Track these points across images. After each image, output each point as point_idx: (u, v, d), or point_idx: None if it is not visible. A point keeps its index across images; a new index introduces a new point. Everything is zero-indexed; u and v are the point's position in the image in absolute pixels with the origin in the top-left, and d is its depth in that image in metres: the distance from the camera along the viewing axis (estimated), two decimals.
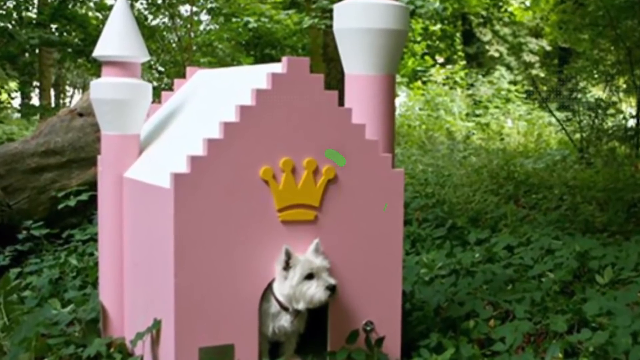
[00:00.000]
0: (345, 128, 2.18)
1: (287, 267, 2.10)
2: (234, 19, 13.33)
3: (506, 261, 3.55)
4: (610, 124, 8.39)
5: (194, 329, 2.05)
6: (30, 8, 13.77)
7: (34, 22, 12.94)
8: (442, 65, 17.54)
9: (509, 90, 15.38)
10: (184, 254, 2.03)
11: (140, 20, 12.83)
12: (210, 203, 2.04)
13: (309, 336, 2.27)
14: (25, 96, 17.84)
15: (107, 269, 2.58)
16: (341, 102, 2.24)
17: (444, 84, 15.53)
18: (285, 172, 2.12)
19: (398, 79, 14.30)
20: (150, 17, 14.22)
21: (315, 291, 2.08)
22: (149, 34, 13.07)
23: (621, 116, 8.55)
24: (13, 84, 17.19)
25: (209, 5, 13.92)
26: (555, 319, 2.59)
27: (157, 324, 2.16)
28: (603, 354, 2.34)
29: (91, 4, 14.16)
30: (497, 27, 17.56)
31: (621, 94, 9.09)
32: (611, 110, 8.57)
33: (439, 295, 2.95)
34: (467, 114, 14.34)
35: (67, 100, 19.17)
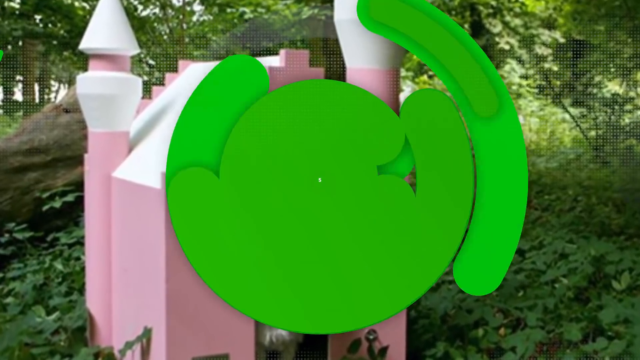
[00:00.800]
0: None
1: None
2: (228, 10, 13.33)
3: (517, 266, 3.55)
4: (627, 120, 8.38)
5: (187, 337, 2.05)
6: None
7: (17, 12, 12.95)
8: None
9: (520, 85, 15.37)
10: (176, 258, 2.03)
11: (129, 11, 12.84)
12: None
13: (308, 346, 2.27)
14: (8, 91, 17.85)
15: (95, 274, 2.57)
16: None
17: None
18: None
19: (403, 72, 14.29)
20: (140, 7, 14.23)
21: None
22: (139, 25, 13.07)
23: (639, 112, 8.54)
24: None
25: None
26: (570, 327, 2.60)
27: (147, 333, 2.16)
28: None
29: None
30: (508, 18, 17.53)
31: (639, 89, 9.08)
32: (628, 106, 8.55)
33: (446, 302, 2.95)
34: None
35: (52, 95, 19.16)
